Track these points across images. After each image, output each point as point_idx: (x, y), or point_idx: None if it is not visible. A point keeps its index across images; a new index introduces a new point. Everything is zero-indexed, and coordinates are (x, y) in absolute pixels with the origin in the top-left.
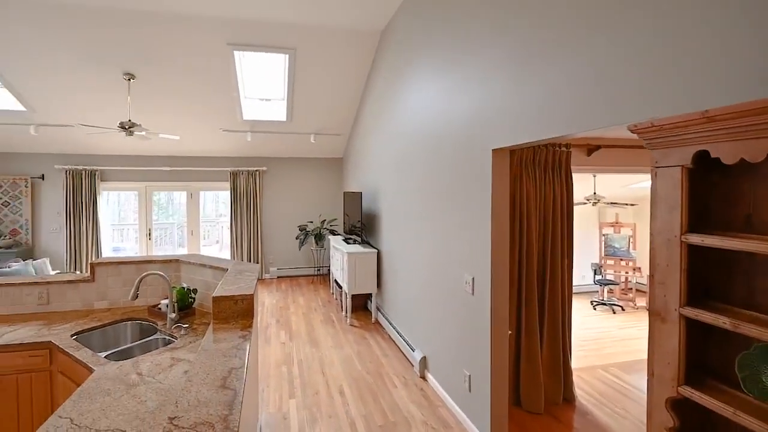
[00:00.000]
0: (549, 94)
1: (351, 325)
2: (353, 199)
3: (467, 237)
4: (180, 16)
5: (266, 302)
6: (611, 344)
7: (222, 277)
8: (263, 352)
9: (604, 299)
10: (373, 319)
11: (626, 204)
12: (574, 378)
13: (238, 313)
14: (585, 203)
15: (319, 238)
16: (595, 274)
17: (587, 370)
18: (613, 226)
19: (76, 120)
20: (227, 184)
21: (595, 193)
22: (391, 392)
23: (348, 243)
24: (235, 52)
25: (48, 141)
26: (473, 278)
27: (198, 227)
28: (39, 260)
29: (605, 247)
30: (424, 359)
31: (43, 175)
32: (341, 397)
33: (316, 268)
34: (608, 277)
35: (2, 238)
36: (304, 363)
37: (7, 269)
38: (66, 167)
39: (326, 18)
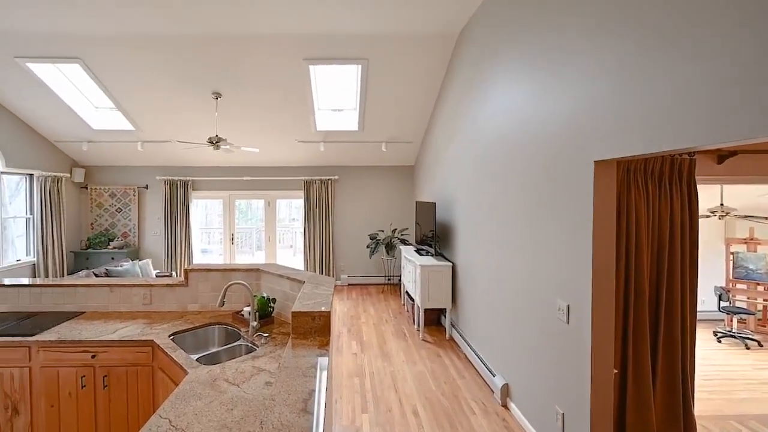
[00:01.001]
0: (677, 97)
1: (423, 340)
2: (426, 208)
3: (561, 258)
4: (261, 37)
5: (337, 309)
6: (746, 388)
7: (299, 288)
8: (335, 362)
9: (733, 331)
10: (447, 336)
11: (766, 218)
12: (699, 429)
13: (315, 329)
14: (708, 216)
15: (390, 247)
16: (719, 299)
17: (715, 419)
18: (745, 243)
19: (173, 136)
20: (301, 193)
21: (722, 205)
22: (469, 419)
23: (420, 254)
24: (311, 66)
25: (151, 155)
26: (568, 306)
27: (274, 233)
28: (143, 261)
29: (734, 269)
30: (506, 387)
31: (147, 185)
32: (415, 418)
33: (386, 278)
34: (739, 304)
35: (116, 239)
36: (376, 376)
37: (120, 268)
38: (165, 178)
39: (400, 25)
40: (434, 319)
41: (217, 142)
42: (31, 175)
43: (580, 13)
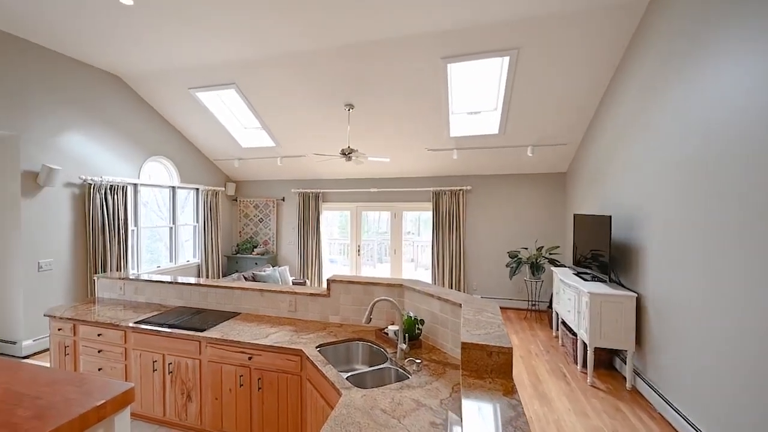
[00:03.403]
0: None
1: (593, 386)
2: (592, 223)
3: None
4: (395, 40)
5: None
6: None
7: (451, 310)
8: None
9: None
10: (627, 385)
11: None
12: None
13: (492, 367)
14: None
15: (536, 268)
16: None
17: None
18: None
19: (308, 150)
20: (429, 204)
21: None
22: None
23: (584, 279)
24: (449, 65)
25: (288, 169)
26: None
27: (400, 246)
28: (282, 267)
29: None
30: None
31: (284, 197)
32: None
33: (530, 302)
34: None
35: (259, 246)
36: (536, 424)
37: (263, 273)
38: (299, 190)
39: (567, 1)
40: (605, 361)
41: (349, 154)
42: (197, 189)
43: None
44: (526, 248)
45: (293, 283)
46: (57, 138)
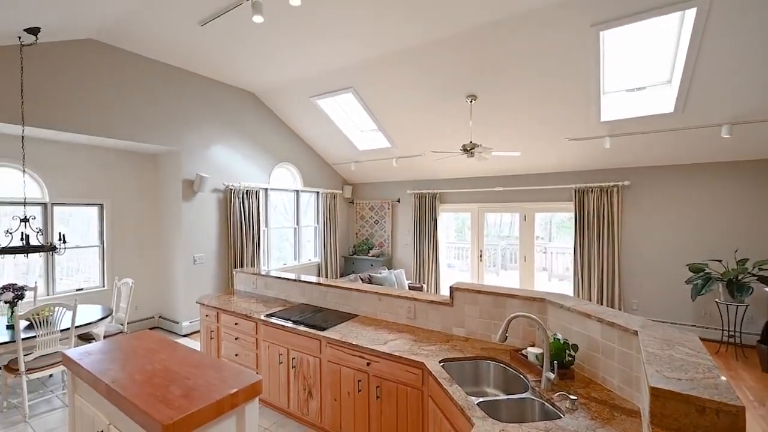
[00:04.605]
0: None
1: None
2: None
3: None
4: (529, 14)
5: None
6: None
7: (617, 337)
8: None
9: None
10: None
11: None
12: None
13: (706, 429)
14: None
15: (738, 288)
16: None
17: None
18: None
19: (424, 150)
20: (570, 204)
21: None
22: None
23: None
24: (602, 33)
25: (403, 170)
26: None
27: (531, 253)
28: (398, 270)
29: None
30: None
31: (399, 198)
32: None
33: (726, 332)
34: None
35: (374, 248)
36: None
37: (379, 275)
38: (414, 192)
39: None
40: None
41: (471, 149)
42: (317, 192)
43: None
44: (719, 260)
45: (409, 287)
46: (206, 150)
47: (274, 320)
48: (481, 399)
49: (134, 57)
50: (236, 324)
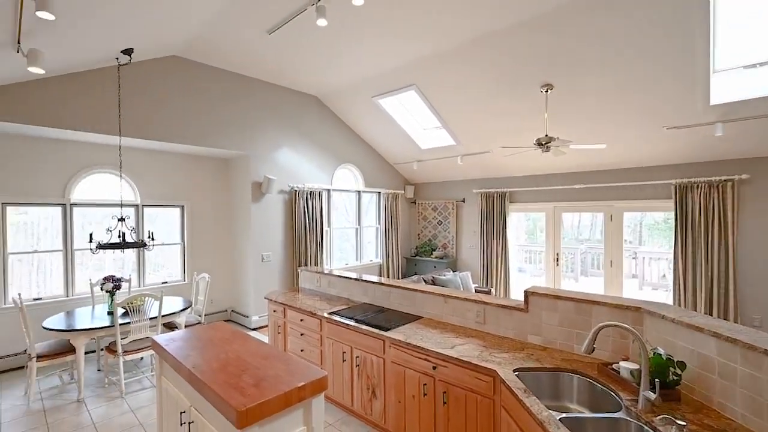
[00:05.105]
0: None
1: None
2: None
3: None
4: None
5: None
6: None
7: (740, 356)
8: None
9: None
10: None
11: None
12: None
13: None
14: None
15: None
16: None
17: None
18: None
19: (491, 146)
20: (667, 203)
21: None
22: None
23: None
24: None
25: (469, 168)
26: None
27: (620, 257)
28: (463, 273)
29: None
30: None
31: (464, 198)
32: None
33: None
34: None
35: (437, 250)
36: None
37: (443, 277)
38: (481, 191)
39: None
40: None
41: (546, 143)
42: (379, 192)
43: None
44: None
45: (476, 291)
46: (273, 153)
47: (337, 318)
48: (564, 414)
49: (209, 69)
50: (302, 320)
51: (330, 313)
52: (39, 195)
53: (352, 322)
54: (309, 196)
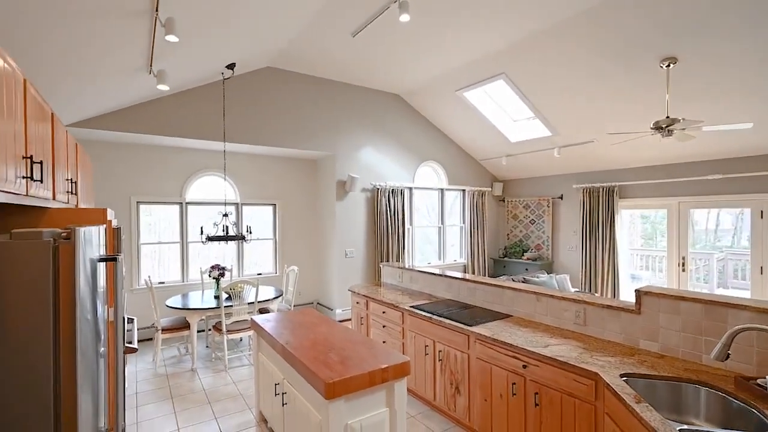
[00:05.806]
0: None
1: None
2: None
3: None
4: None
5: None
6: None
7: None
8: None
9: None
10: None
11: None
12: None
13: None
14: None
15: None
16: None
17: None
18: None
19: (595, 134)
20: None
21: None
22: None
23: None
24: None
25: (567, 161)
26: None
27: None
28: (560, 275)
29: None
30: None
31: (562, 195)
32: None
33: None
34: None
35: (529, 251)
36: None
37: (537, 279)
38: (583, 186)
39: None
40: None
41: (668, 127)
42: (463, 190)
43: None
44: None
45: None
46: (356, 152)
47: (420, 312)
48: (683, 427)
49: (297, 76)
50: (383, 312)
51: (412, 307)
52: (163, 195)
53: (435, 316)
54: (391, 194)
